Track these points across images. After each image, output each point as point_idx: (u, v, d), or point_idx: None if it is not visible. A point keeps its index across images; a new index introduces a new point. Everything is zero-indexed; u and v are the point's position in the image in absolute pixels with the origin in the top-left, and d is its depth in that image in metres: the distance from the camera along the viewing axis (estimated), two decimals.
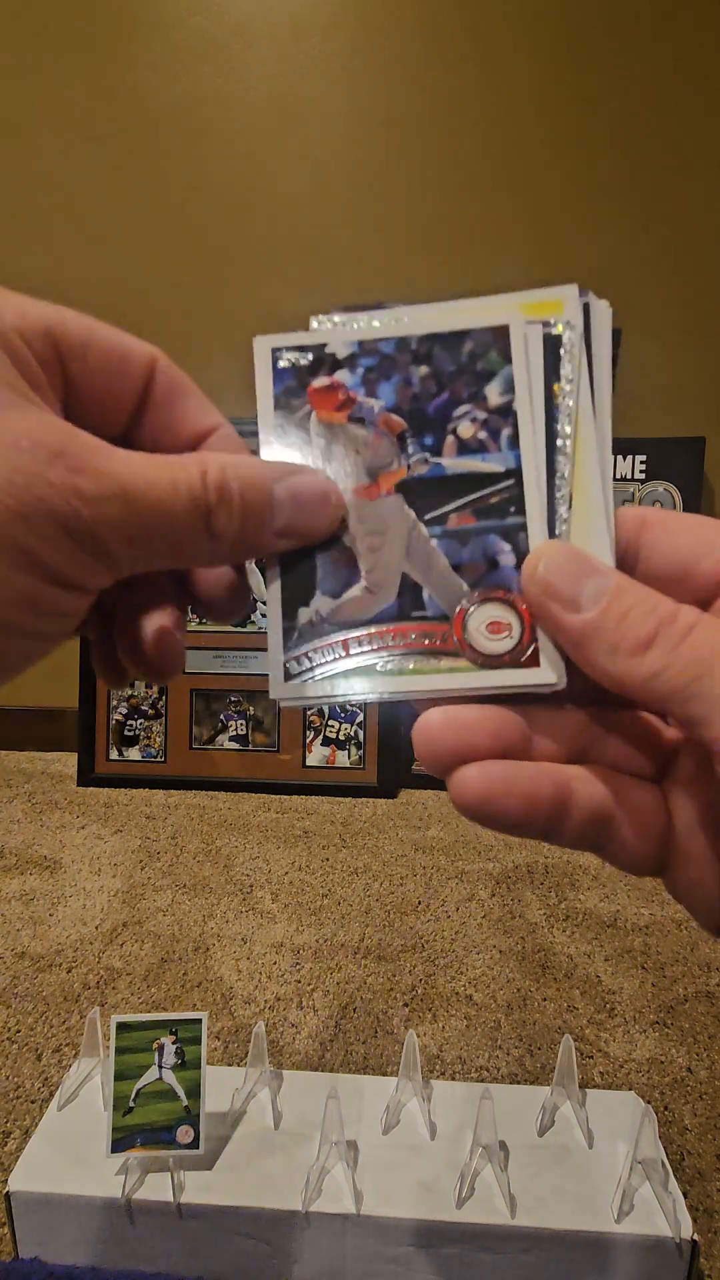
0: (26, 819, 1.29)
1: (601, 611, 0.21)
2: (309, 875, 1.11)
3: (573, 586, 0.22)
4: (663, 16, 1.35)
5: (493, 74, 1.39)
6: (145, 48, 1.41)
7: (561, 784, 0.22)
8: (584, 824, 0.22)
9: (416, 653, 0.23)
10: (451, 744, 0.22)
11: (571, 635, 0.22)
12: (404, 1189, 0.54)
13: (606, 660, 0.21)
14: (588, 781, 0.22)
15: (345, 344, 0.25)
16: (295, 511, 0.23)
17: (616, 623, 0.21)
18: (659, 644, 0.20)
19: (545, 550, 0.22)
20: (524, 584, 0.23)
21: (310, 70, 1.41)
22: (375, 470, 0.24)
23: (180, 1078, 0.56)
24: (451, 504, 0.24)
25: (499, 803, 0.21)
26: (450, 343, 0.24)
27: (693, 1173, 0.65)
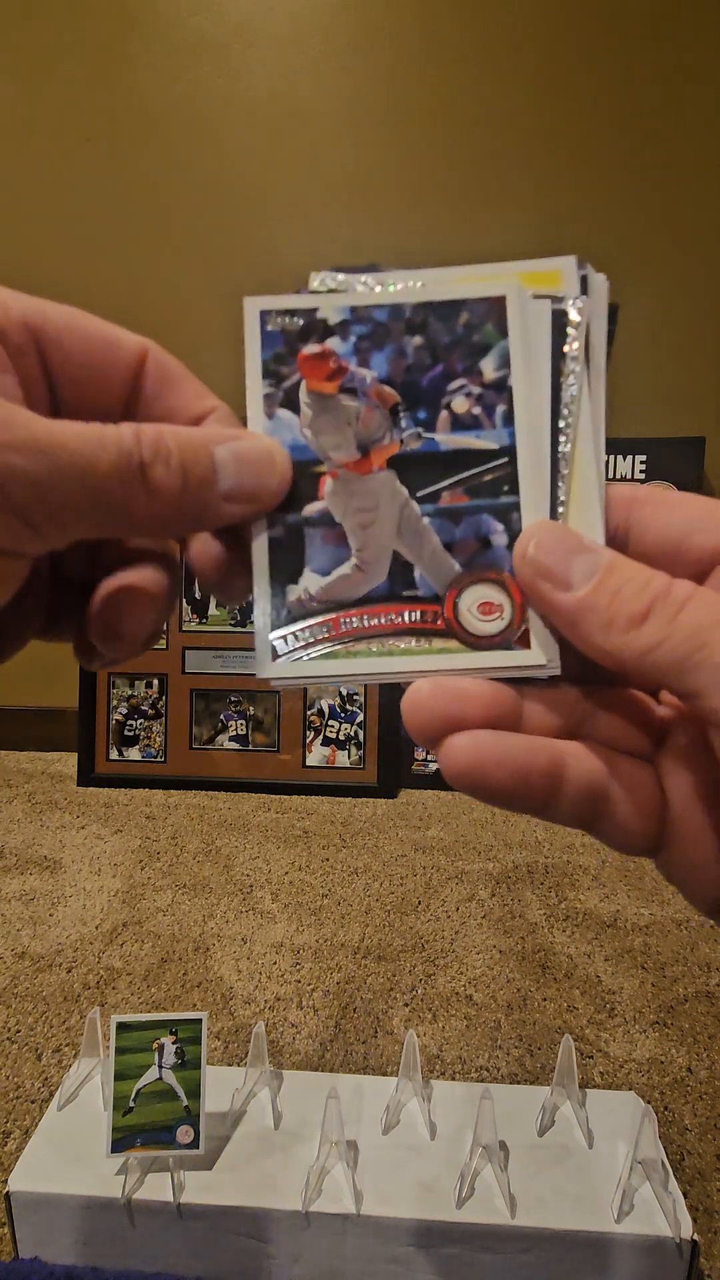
0: (26, 819, 1.29)
1: (594, 588, 0.21)
2: (309, 875, 1.11)
3: (564, 565, 0.21)
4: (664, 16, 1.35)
5: (492, 74, 1.39)
6: (145, 48, 1.41)
7: (555, 757, 0.21)
8: (577, 799, 0.22)
9: (407, 633, 0.23)
10: (441, 713, 0.21)
11: (565, 614, 0.21)
12: (404, 1189, 0.54)
13: (601, 637, 0.21)
14: (581, 756, 0.22)
15: (337, 310, 0.24)
16: (240, 473, 0.22)
17: (609, 599, 0.21)
18: (654, 618, 0.20)
19: (535, 530, 0.22)
20: (515, 564, 0.22)
21: (310, 70, 1.41)
22: (367, 444, 0.24)
23: (180, 1078, 0.56)
24: (444, 481, 0.23)
25: (490, 774, 0.21)
26: (445, 313, 0.24)
27: (693, 1173, 0.65)
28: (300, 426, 0.24)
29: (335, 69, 1.40)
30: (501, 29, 1.37)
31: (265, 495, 0.23)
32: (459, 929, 0.98)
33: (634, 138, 1.39)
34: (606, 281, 0.23)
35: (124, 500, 0.21)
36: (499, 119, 1.40)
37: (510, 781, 0.21)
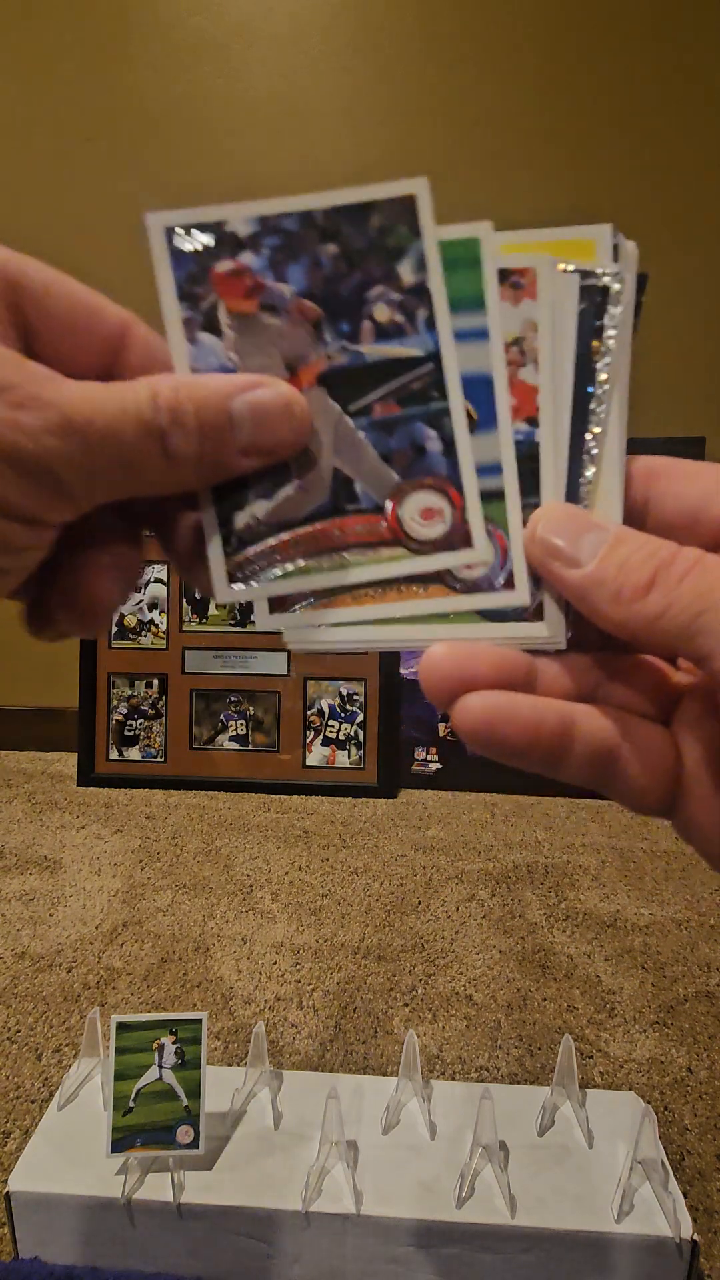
0: (26, 819, 1.29)
1: (600, 562, 0.22)
2: (309, 875, 1.11)
3: (572, 543, 0.22)
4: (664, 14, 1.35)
5: (492, 74, 1.39)
6: (145, 48, 1.41)
7: (565, 716, 0.22)
8: (588, 758, 0.22)
9: (354, 545, 0.23)
10: (454, 673, 0.22)
11: (575, 589, 0.22)
12: (404, 1189, 0.54)
13: (610, 608, 0.21)
14: (593, 717, 0.22)
15: (246, 221, 0.23)
16: (257, 427, 0.22)
17: (615, 571, 0.21)
18: (659, 586, 0.21)
19: (543, 512, 0.23)
20: (525, 547, 0.23)
21: (310, 70, 1.41)
22: (294, 363, 0.23)
23: (180, 1078, 0.56)
24: (374, 393, 0.23)
25: (501, 729, 0.22)
26: (357, 217, 0.23)
27: (693, 1173, 0.65)
28: (224, 350, 0.23)
29: (335, 69, 1.40)
30: (501, 29, 1.37)
31: (282, 447, 0.23)
32: (459, 929, 0.98)
33: (634, 137, 1.39)
34: (636, 250, 0.23)
35: (144, 467, 0.21)
36: (499, 119, 1.40)
37: (521, 738, 0.22)
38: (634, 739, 0.23)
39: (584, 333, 0.23)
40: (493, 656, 0.23)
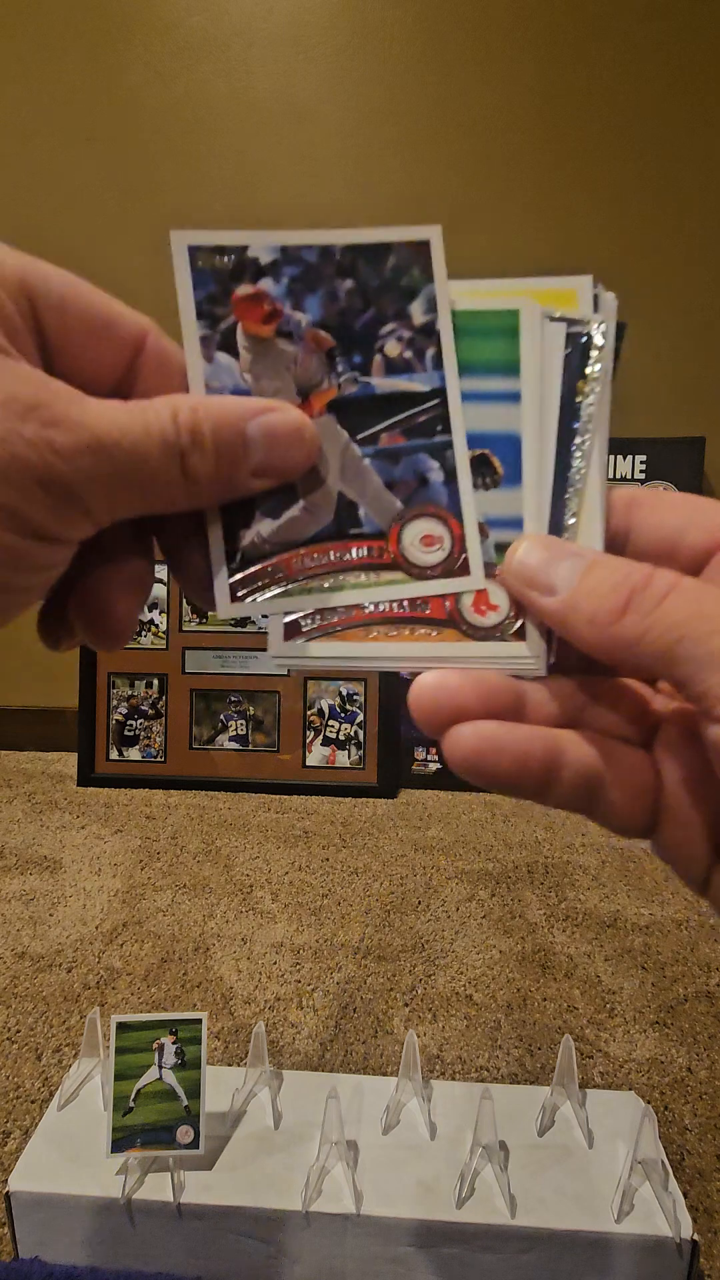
0: (26, 819, 1.29)
1: (575, 589, 0.22)
2: (309, 875, 1.11)
3: (548, 571, 0.23)
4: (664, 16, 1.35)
5: (493, 73, 1.39)
6: (145, 48, 1.41)
7: (552, 745, 0.23)
8: (574, 784, 0.23)
9: (356, 568, 0.24)
10: (446, 704, 0.23)
11: (553, 616, 0.23)
12: (404, 1189, 0.54)
13: (589, 632, 0.22)
14: (578, 744, 0.23)
15: (268, 249, 0.24)
16: (270, 450, 0.23)
17: (590, 596, 0.22)
18: (633, 609, 0.21)
19: (522, 541, 0.24)
20: (503, 577, 0.24)
21: (310, 70, 1.41)
22: (306, 389, 0.24)
23: (180, 1078, 0.56)
24: (382, 423, 0.24)
25: (491, 760, 0.22)
26: (373, 256, 0.24)
27: (693, 1173, 0.65)
28: (239, 371, 0.24)
29: (335, 69, 1.40)
30: (501, 30, 1.37)
31: (292, 470, 0.24)
32: (459, 929, 0.98)
33: (633, 137, 1.39)
34: (615, 300, 0.24)
35: (164, 485, 0.22)
36: (499, 119, 1.40)
37: (511, 768, 0.22)
38: (616, 764, 0.23)
39: (569, 375, 0.24)
40: (483, 685, 0.23)
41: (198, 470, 0.22)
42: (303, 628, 0.24)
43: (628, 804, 0.23)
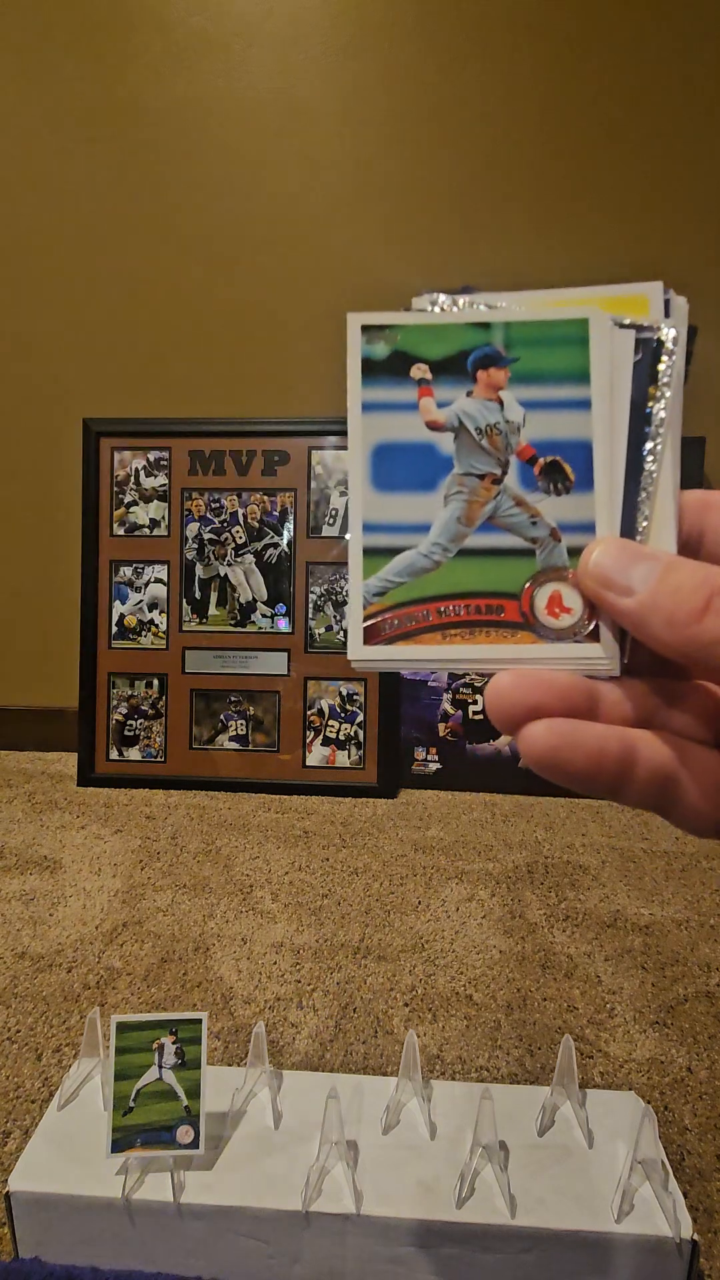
0: (26, 819, 1.29)
1: (653, 589, 0.22)
2: (309, 875, 1.11)
3: (624, 574, 0.23)
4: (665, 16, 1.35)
5: (493, 72, 1.39)
6: (145, 48, 1.41)
7: (626, 743, 0.23)
8: (648, 783, 0.23)
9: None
10: (521, 701, 0.23)
11: (630, 617, 0.23)
12: (404, 1189, 0.54)
13: (666, 633, 0.22)
14: (652, 743, 0.23)
15: None
16: None
17: (669, 597, 0.22)
18: (714, 610, 0.21)
19: (597, 544, 0.24)
20: (579, 578, 0.24)
21: (310, 70, 1.41)
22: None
23: (180, 1078, 0.56)
24: None
25: (565, 756, 0.22)
26: None
27: (693, 1173, 0.65)
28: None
29: (335, 69, 1.40)
30: (501, 29, 1.37)
31: None
32: (459, 929, 0.98)
33: (633, 135, 1.39)
34: (686, 305, 0.25)
35: None
36: (499, 119, 1.40)
37: (585, 765, 0.22)
38: (692, 765, 0.23)
39: (639, 380, 0.25)
40: (557, 684, 0.23)
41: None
42: (383, 631, 0.25)
43: (703, 804, 0.23)
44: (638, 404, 0.25)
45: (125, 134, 1.44)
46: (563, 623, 0.24)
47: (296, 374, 1.48)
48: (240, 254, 1.47)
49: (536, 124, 1.40)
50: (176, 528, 1.46)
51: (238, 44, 1.41)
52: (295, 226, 1.46)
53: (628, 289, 0.25)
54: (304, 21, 1.39)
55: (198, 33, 1.41)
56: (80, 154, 1.45)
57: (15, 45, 1.42)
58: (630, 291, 0.25)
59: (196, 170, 1.45)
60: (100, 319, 1.50)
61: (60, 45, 1.42)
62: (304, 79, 1.41)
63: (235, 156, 1.44)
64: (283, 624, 1.45)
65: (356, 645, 0.25)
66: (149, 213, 1.47)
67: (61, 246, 1.48)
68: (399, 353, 0.25)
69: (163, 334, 1.48)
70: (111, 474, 1.47)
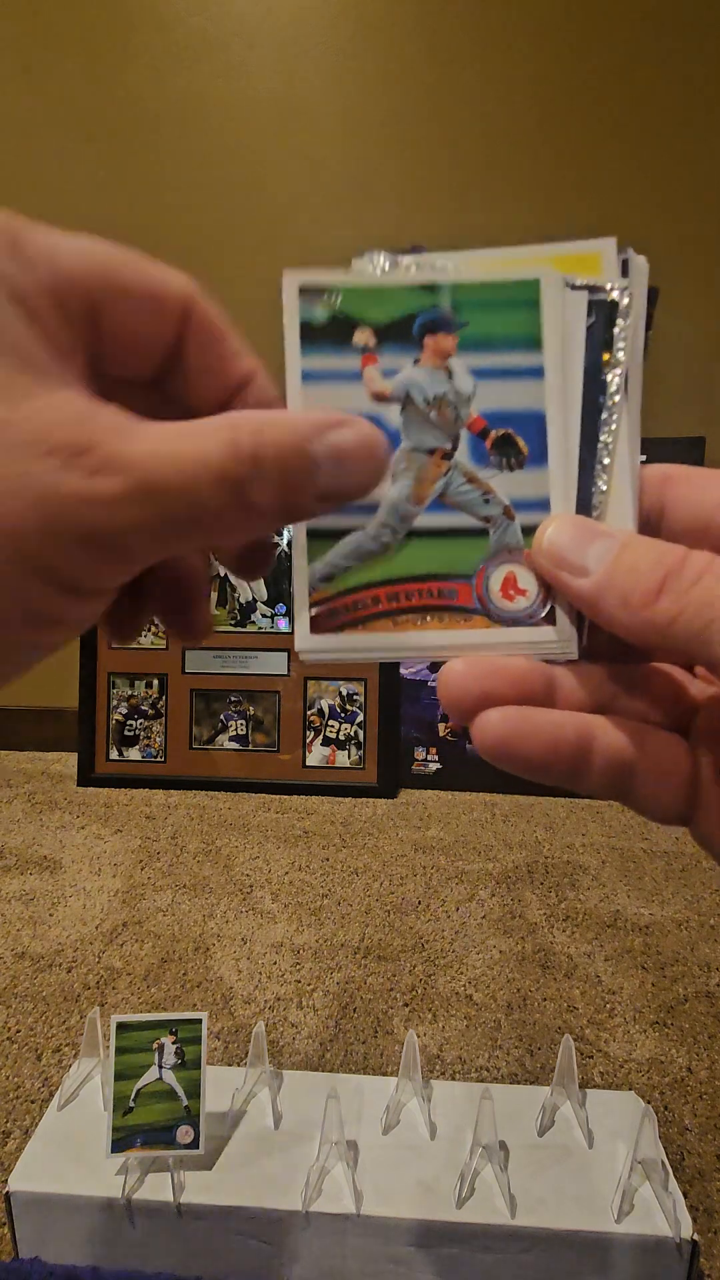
0: (26, 819, 1.29)
1: (608, 569, 0.22)
2: (309, 875, 1.11)
3: (579, 552, 0.22)
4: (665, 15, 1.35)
5: (493, 73, 1.39)
6: (145, 48, 1.41)
7: (583, 730, 0.22)
8: (606, 770, 0.22)
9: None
10: (474, 689, 0.22)
11: (584, 598, 0.22)
12: (404, 1189, 0.54)
13: (621, 614, 0.21)
14: (610, 729, 0.23)
15: None
16: (337, 471, 0.21)
17: (624, 577, 0.21)
18: (668, 591, 0.21)
19: (551, 521, 0.23)
20: (533, 556, 0.23)
21: (310, 70, 1.41)
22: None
23: (180, 1078, 0.56)
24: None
25: (520, 745, 0.22)
26: None
27: (693, 1173, 0.65)
28: None
29: (335, 69, 1.40)
30: (501, 29, 1.37)
31: (360, 492, 0.22)
32: (459, 929, 0.98)
33: (633, 136, 1.39)
34: (646, 265, 0.23)
35: (219, 522, 0.20)
36: (499, 119, 1.40)
37: (540, 753, 0.22)
38: (651, 750, 0.23)
39: (593, 345, 0.23)
40: (511, 671, 0.23)
41: (258, 501, 0.20)
42: (331, 620, 0.24)
43: (662, 790, 0.23)
44: (592, 372, 0.23)
45: (124, 134, 1.44)
46: (518, 606, 0.23)
47: None
48: (240, 253, 1.47)
49: (536, 124, 1.40)
50: None
51: (238, 44, 1.41)
52: (295, 226, 1.46)
53: (579, 246, 0.24)
54: (304, 21, 1.39)
55: (197, 32, 1.41)
56: (80, 154, 1.45)
57: (15, 45, 1.42)
58: (582, 249, 0.24)
59: (196, 170, 1.45)
60: None
61: (60, 45, 1.42)
62: (304, 79, 1.41)
63: (235, 156, 1.44)
64: (283, 624, 1.45)
65: (304, 635, 0.24)
66: (148, 212, 1.47)
67: None
68: (341, 317, 0.24)
69: None
70: None
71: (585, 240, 0.23)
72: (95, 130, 1.44)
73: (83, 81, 1.43)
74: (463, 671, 0.22)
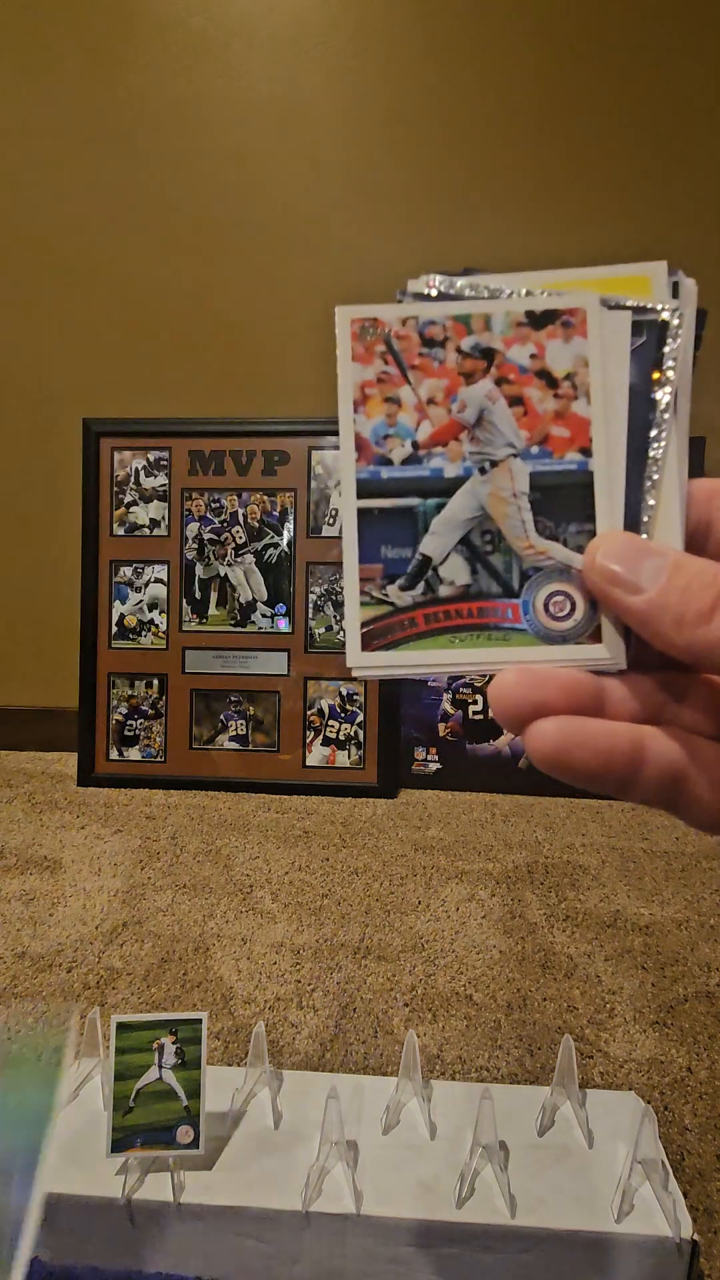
0: (26, 819, 1.29)
1: (662, 588, 0.22)
2: (309, 875, 1.11)
3: (632, 570, 0.22)
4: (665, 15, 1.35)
5: (493, 73, 1.39)
6: (145, 48, 1.41)
7: (636, 740, 0.22)
8: (657, 780, 0.23)
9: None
10: (526, 700, 0.22)
11: (637, 616, 0.22)
12: (404, 1189, 0.54)
13: (674, 633, 0.22)
14: (662, 740, 0.23)
15: None
16: None
17: (678, 596, 0.22)
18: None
19: (603, 539, 0.23)
20: (585, 573, 0.23)
21: (310, 70, 1.41)
22: None
23: (180, 1078, 0.56)
24: None
25: (574, 755, 0.22)
26: None
27: (693, 1173, 0.65)
28: None
29: (335, 69, 1.40)
30: (501, 29, 1.37)
31: None
32: (459, 929, 0.98)
33: (633, 135, 1.39)
34: (695, 286, 0.24)
35: None
36: (499, 119, 1.40)
37: (594, 763, 0.22)
38: (701, 761, 0.23)
39: (643, 365, 0.24)
40: (563, 681, 0.23)
41: None
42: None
43: (713, 800, 0.23)
44: (640, 389, 0.24)
45: (125, 134, 1.44)
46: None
47: (296, 374, 1.48)
48: (240, 254, 1.47)
49: (536, 124, 1.40)
50: (176, 528, 1.46)
51: (238, 44, 1.41)
52: (295, 226, 1.46)
53: (631, 269, 0.24)
54: (304, 21, 1.39)
55: (197, 33, 1.41)
56: (79, 154, 1.45)
57: (15, 45, 1.42)
58: (633, 272, 0.24)
59: (196, 170, 1.45)
60: (100, 319, 1.50)
61: (60, 45, 1.42)
62: (304, 79, 1.41)
63: (235, 156, 1.44)
64: (283, 624, 1.45)
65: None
66: (149, 212, 1.47)
67: (61, 246, 1.48)
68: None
69: (163, 334, 1.48)
70: (111, 474, 1.47)
71: (636, 264, 0.24)
72: (95, 130, 1.44)
73: (82, 81, 1.43)
74: (515, 682, 0.23)
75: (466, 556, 0.24)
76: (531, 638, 0.24)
